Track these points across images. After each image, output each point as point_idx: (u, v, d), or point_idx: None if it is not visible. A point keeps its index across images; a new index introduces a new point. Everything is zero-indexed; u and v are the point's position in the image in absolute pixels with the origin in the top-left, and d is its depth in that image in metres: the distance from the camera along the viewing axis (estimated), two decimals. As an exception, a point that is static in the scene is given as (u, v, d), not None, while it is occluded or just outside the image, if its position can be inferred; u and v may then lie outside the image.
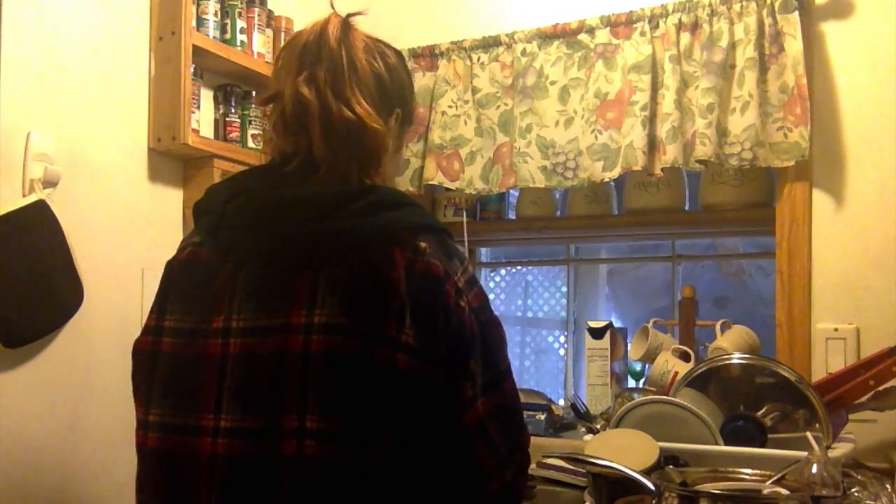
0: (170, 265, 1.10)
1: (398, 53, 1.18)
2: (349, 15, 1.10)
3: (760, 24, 1.74)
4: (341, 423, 0.96)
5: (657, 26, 1.85)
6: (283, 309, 0.99)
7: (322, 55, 1.05)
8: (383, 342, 0.96)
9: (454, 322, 0.99)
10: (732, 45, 1.76)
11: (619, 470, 1.21)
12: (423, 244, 1.01)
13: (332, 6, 1.14)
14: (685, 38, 1.81)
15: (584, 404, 1.92)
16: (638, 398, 1.55)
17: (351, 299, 0.98)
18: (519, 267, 2.65)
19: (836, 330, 1.72)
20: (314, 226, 1.00)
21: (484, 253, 2.56)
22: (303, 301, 0.98)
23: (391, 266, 0.98)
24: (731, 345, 1.78)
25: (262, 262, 1.03)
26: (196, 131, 1.67)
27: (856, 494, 1.36)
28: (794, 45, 1.70)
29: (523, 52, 2.00)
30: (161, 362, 1.06)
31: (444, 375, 0.98)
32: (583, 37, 1.94)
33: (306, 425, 0.95)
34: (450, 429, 1.00)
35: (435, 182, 2.06)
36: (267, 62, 1.86)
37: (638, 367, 2.13)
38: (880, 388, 1.50)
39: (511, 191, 2.19)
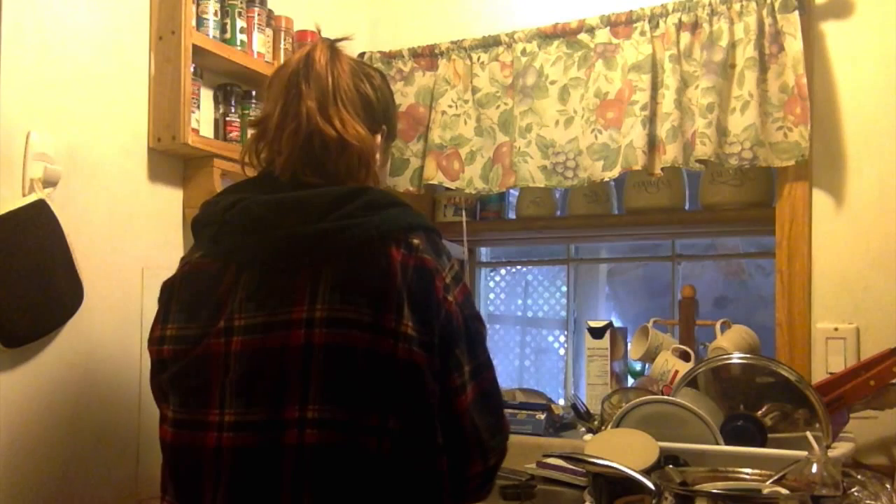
0: (169, 282, 1.16)
1: (382, 75, 1.26)
2: (335, 41, 1.18)
3: (760, 23, 1.74)
4: (343, 411, 1.01)
5: (657, 26, 1.85)
6: (285, 306, 1.04)
7: (310, 78, 1.12)
8: (384, 333, 1.02)
9: (444, 314, 1.06)
10: (732, 45, 1.76)
11: (619, 470, 1.21)
12: (416, 241, 1.08)
13: (319, 32, 1.23)
14: (685, 37, 1.81)
15: (584, 404, 1.92)
16: (634, 398, 1.55)
17: (351, 294, 1.03)
18: (519, 267, 2.65)
19: (836, 330, 1.72)
20: (312, 226, 1.05)
21: (484, 253, 2.56)
22: (304, 298, 1.03)
23: (388, 261, 1.04)
24: (731, 344, 1.79)
25: (264, 263, 1.08)
26: (196, 131, 1.67)
27: (856, 494, 1.36)
28: (794, 45, 1.70)
29: (523, 52, 2.00)
30: (169, 366, 1.11)
31: (438, 364, 1.05)
32: (583, 36, 1.94)
33: (307, 415, 1.00)
34: (441, 413, 1.06)
35: (435, 182, 2.06)
36: (267, 62, 1.86)
37: (638, 366, 2.13)
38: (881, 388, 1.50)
39: (511, 190, 2.19)
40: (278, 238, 1.06)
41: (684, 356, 1.85)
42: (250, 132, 1.77)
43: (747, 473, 1.24)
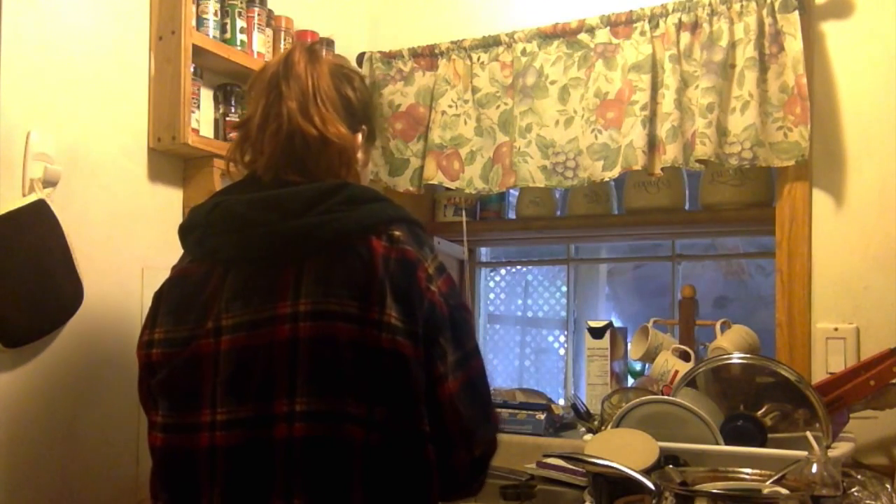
0: (158, 290, 1.17)
1: (361, 77, 1.28)
2: (313, 43, 1.21)
3: (760, 23, 1.74)
4: (330, 402, 1.02)
5: (657, 26, 1.85)
6: (270, 302, 1.05)
7: (290, 79, 1.13)
8: (369, 324, 1.03)
9: (427, 304, 1.06)
10: (732, 45, 1.76)
11: (619, 470, 1.21)
12: (397, 233, 1.09)
13: (297, 38, 1.24)
14: (685, 37, 1.81)
15: (584, 404, 1.92)
16: (634, 398, 1.55)
17: (334, 286, 1.04)
18: (519, 267, 2.65)
19: (836, 329, 1.72)
20: (294, 222, 1.07)
21: (484, 253, 2.56)
22: (288, 293, 1.05)
23: (370, 254, 1.06)
24: (731, 344, 1.79)
25: (248, 261, 1.09)
26: (196, 131, 1.67)
27: (856, 494, 1.36)
28: (794, 45, 1.70)
29: (523, 52, 2.00)
30: (158, 370, 1.12)
31: (423, 353, 1.05)
32: (583, 36, 1.94)
33: (296, 408, 1.02)
34: (427, 402, 1.06)
35: (435, 182, 2.06)
36: (267, 62, 1.86)
37: (638, 366, 2.13)
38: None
39: (511, 190, 2.19)
40: (260, 235, 1.07)
41: (684, 356, 1.85)
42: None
43: (747, 473, 1.24)
